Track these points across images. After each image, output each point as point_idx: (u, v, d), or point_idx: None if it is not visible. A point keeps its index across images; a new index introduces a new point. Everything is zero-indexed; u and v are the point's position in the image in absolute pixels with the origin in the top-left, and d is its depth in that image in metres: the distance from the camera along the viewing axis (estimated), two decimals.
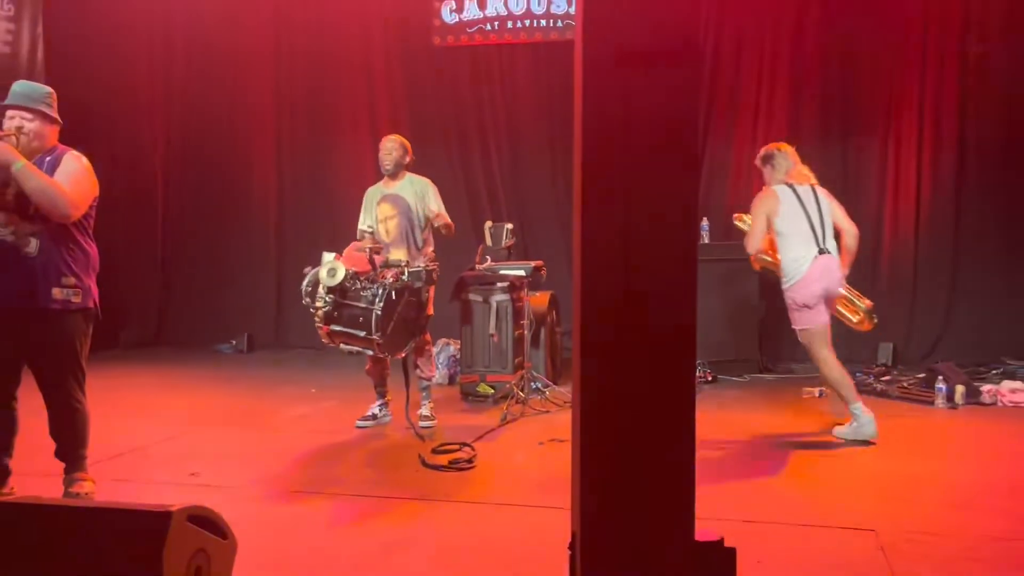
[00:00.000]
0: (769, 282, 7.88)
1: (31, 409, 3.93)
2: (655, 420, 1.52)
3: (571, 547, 1.71)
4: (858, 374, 7.01)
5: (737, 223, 6.13)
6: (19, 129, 3.76)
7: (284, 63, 9.11)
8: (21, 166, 3.61)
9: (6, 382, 3.83)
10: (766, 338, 7.59)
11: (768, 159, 5.36)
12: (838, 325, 7.88)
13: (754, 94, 8.18)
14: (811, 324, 5.10)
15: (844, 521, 3.66)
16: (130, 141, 9.23)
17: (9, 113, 3.79)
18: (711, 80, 8.25)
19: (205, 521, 2.77)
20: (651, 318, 1.54)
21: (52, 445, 3.92)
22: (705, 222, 7.71)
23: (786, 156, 5.29)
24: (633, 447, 1.53)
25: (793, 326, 5.22)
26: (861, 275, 8.01)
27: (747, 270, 7.27)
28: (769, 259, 5.38)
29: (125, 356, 8.51)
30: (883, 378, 6.83)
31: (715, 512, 3.55)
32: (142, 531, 2.59)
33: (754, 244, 5.33)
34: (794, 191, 5.16)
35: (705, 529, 1.66)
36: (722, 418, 5.75)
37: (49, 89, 3.94)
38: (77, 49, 8.48)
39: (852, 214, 8.03)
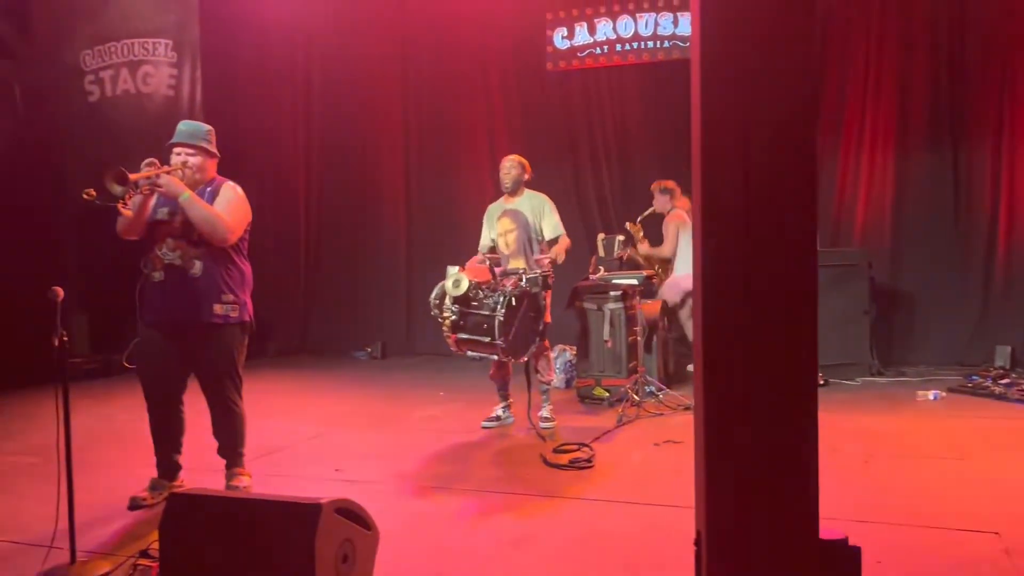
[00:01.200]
0: (880, 286, 7.57)
1: (197, 411, 4.15)
2: (779, 421, 1.48)
3: (697, 544, 1.68)
4: (974, 377, 6.61)
5: (630, 228, 7.44)
6: (184, 164, 3.99)
7: (411, 90, 9.34)
8: (187, 197, 3.83)
9: (174, 388, 4.07)
10: (878, 341, 7.26)
11: (669, 191, 7.26)
12: (960, 328, 7.52)
13: (860, 97, 7.83)
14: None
15: (964, 523, 3.45)
16: (276, 168, 9.65)
17: (176, 149, 4.04)
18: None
19: (351, 513, 2.86)
20: (773, 324, 1.50)
21: (215, 444, 4.13)
22: None
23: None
24: (758, 447, 1.49)
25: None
26: (975, 278, 7.58)
27: (857, 274, 7.01)
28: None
29: (273, 363, 8.88)
30: (1001, 381, 6.41)
31: (831, 512, 3.41)
32: (296, 521, 2.70)
33: (670, 251, 7.14)
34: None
35: (829, 528, 1.60)
36: (835, 421, 5.51)
37: (209, 127, 4.16)
38: (229, 88, 8.93)
39: (965, 215, 7.67)
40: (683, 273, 6.96)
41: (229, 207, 3.97)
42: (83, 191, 3.66)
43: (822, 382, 6.73)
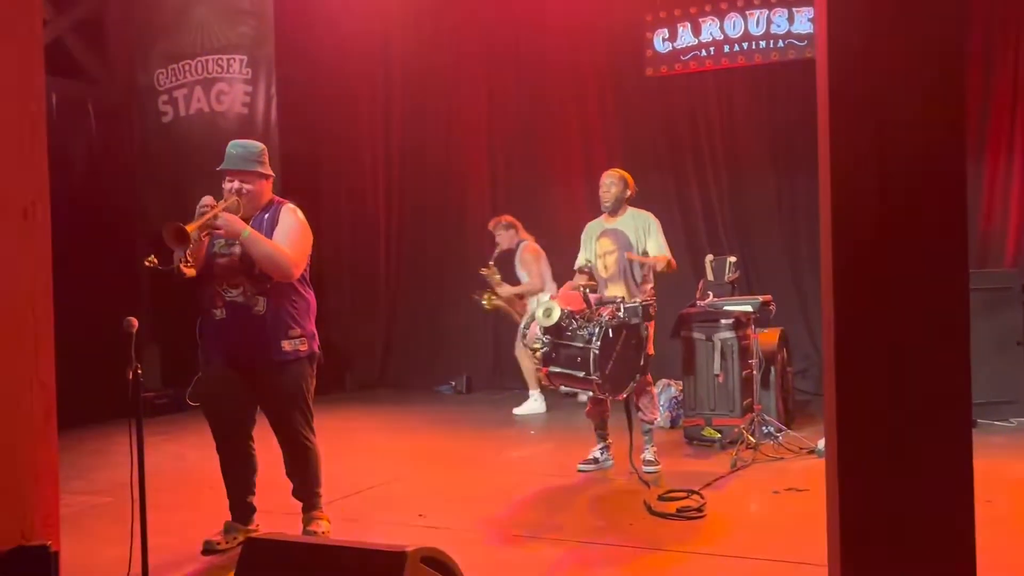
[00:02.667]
0: None
1: (271, 451, 4.26)
2: (928, 470, 1.42)
3: None
4: None
5: (485, 272, 7.83)
6: (239, 192, 4.11)
7: (496, 103, 9.44)
8: (247, 235, 3.94)
9: (242, 426, 4.20)
10: None
11: (512, 226, 7.99)
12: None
13: (1009, 100, 7.52)
14: None
15: None
16: (354, 189, 9.89)
17: (228, 176, 4.15)
18: None
19: (439, 563, 2.87)
20: (919, 373, 1.44)
21: (289, 485, 4.23)
22: None
23: None
24: (904, 500, 1.42)
25: None
26: None
27: (1009, 298, 6.68)
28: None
29: (350, 398, 9.04)
30: None
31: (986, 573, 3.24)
32: (379, 571, 2.73)
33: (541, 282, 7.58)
34: None
35: None
36: (987, 468, 5.20)
37: (261, 146, 4.27)
38: (305, 105, 9.23)
39: None
40: None
41: (289, 238, 4.06)
42: (145, 260, 3.81)
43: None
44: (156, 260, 3.79)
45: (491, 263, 7.70)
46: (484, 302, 7.84)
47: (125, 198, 9.00)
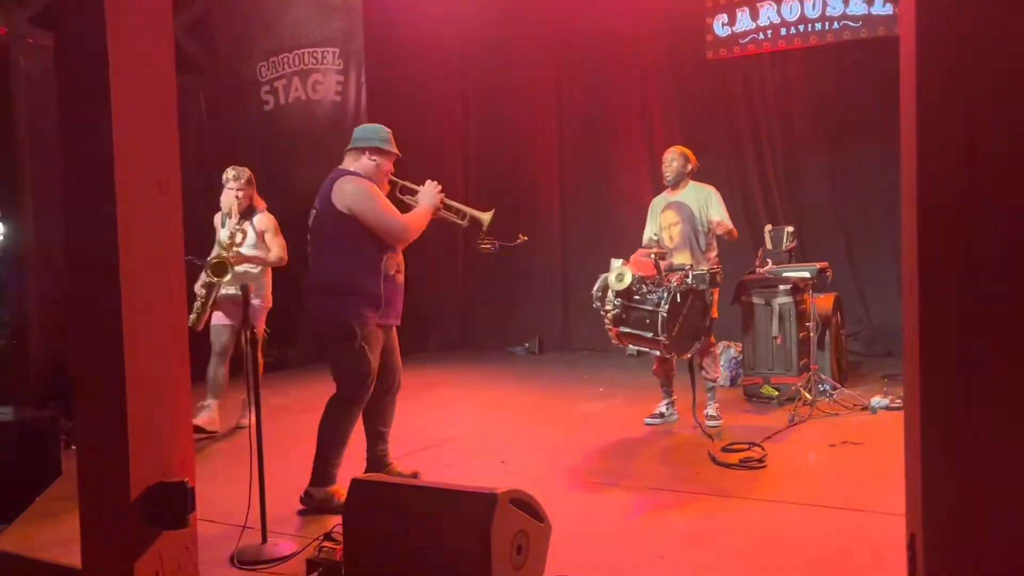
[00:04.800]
0: None
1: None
2: (1009, 415, 1.35)
3: (910, 548, 1.56)
4: None
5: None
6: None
7: (564, 85, 9.35)
8: None
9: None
10: None
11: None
12: None
13: None
14: None
15: None
16: (436, 168, 9.91)
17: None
18: None
19: (525, 504, 2.88)
20: (1003, 319, 1.36)
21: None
22: None
23: None
24: (985, 445, 1.36)
25: None
26: None
27: None
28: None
29: (433, 358, 9.13)
30: None
31: None
32: (472, 510, 2.74)
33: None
34: None
35: None
36: None
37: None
38: (391, 94, 9.27)
39: None
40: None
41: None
42: (480, 243, 4.27)
43: None
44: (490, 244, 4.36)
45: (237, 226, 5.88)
46: None
47: None
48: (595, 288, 5.05)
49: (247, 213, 5.57)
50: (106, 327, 1.95)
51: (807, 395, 5.63)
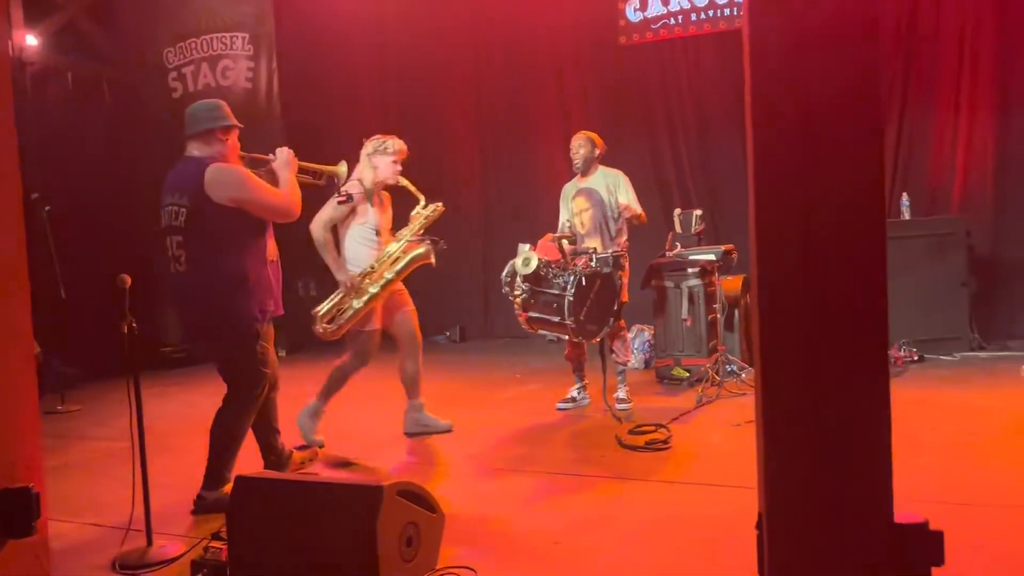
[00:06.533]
0: (980, 256, 7.11)
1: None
2: (845, 397, 1.34)
3: (758, 527, 1.56)
4: None
5: None
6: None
7: (483, 73, 9.27)
8: None
9: None
10: (978, 314, 6.82)
11: None
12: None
13: (956, 53, 7.34)
14: None
15: None
16: (353, 158, 9.71)
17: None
18: (907, 48, 7.51)
19: (414, 496, 2.82)
20: (835, 295, 1.36)
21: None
22: (905, 198, 7.04)
23: None
24: (822, 425, 1.35)
25: None
26: None
27: (954, 243, 6.59)
28: None
29: None
30: None
31: (928, 495, 3.20)
32: (358, 504, 2.68)
33: None
34: None
35: (907, 511, 1.45)
36: (932, 398, 5.21)
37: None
38: (306, 79, 9.05)
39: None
40: None
41: None
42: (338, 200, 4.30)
43: (916, 358, 6.38)
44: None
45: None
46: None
47: (142, 168, 8.85)
48: (504, 274, 5.01)
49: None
50: None
51: (715, 375, 5.70)
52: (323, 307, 4.70)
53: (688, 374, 6.04)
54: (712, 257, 6.06)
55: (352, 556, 2.63)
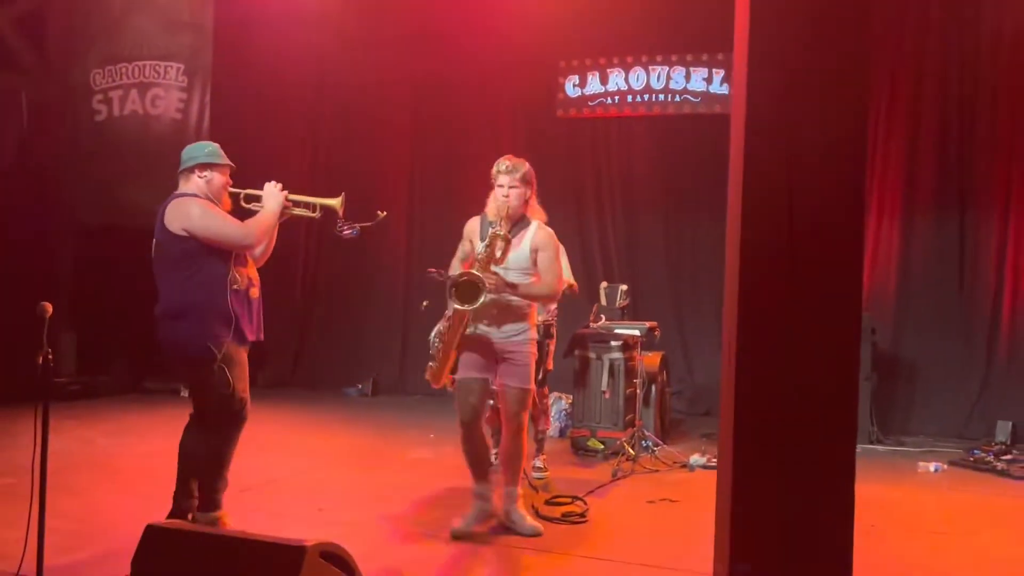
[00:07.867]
0: (882, 352, 7.44)
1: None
2: (813, 493, 1.37)
3: None
4: (976, 451, 6.48)
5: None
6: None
7: (420, 128, 9.30)
8: None
9: None
10: (878, 409, 7.12)
11: None
12: (961, 400, 7.40)
13: (868, 166, 7.80)
14: None
15: None
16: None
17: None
18: None
19: (336, 558, 2.71)
20: (812, 403, 1.40)
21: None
22: None
23: None
24: (790, 515, 1.38)
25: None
26: (979, 350, 7.46)
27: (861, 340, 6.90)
28: None
29: (260, 394, 8.63)
30: (1004, 457, 6.28)
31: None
32: (278, 564, 2.55)
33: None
34: None
35: None
36: None
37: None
38: (237, 115, 8.90)
39: (970, 285, 7.58)
40: None
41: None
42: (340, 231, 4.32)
43: None
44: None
45: None
46: None
47: (52, 189, 8.48)
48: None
49: (520, 222, 4.37)
50: None
51: (631, 450, 5.75)
52: None
53: (603, 446, 6.06)
54: (636, 332, 6.17)
55: None
